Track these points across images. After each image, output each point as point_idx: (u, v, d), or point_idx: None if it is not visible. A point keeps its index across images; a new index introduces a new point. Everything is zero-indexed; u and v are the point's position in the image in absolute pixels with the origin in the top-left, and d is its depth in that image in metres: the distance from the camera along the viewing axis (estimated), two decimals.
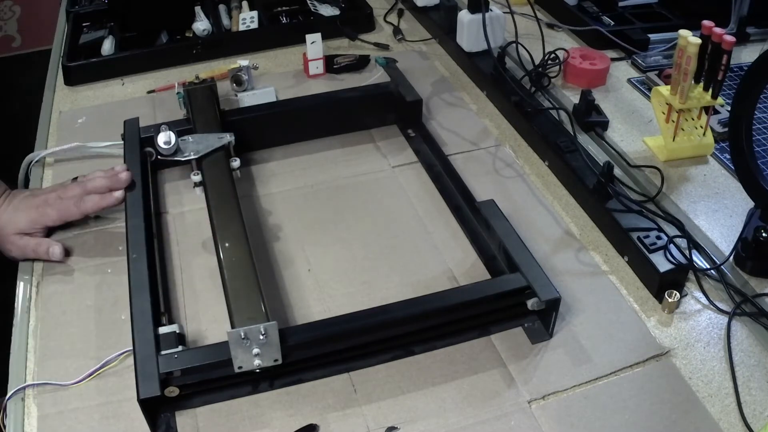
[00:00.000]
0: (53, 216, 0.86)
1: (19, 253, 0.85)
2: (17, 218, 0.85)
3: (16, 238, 0.84)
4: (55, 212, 0.86)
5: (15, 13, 2.94)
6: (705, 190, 0.94)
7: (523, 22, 1.21)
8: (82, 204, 0.86)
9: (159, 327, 0.70)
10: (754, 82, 0.81)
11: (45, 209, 0.86)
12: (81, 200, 0.86)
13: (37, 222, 0.85)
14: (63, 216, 0.86)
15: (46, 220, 0.86)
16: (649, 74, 1.17)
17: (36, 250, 0.84)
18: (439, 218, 0.91)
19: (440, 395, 0.70)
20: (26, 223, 0.85)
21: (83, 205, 0.86)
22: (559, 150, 0.97)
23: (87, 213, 0.86)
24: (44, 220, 0.86)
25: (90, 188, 0.87)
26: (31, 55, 2.93)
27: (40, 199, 0.87)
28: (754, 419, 0.67)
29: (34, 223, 0.85)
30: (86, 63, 1.21)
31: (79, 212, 0.86)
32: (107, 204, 0.86)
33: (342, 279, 0.83)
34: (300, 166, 1.00)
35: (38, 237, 0.85)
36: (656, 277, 0.79)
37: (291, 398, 0.70)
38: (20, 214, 0.85)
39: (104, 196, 0.86)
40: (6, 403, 0.69)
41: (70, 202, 0.86)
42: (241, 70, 1.10)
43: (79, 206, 0.86)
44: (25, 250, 0.85)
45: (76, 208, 0.86)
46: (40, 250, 0.84)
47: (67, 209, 0.86)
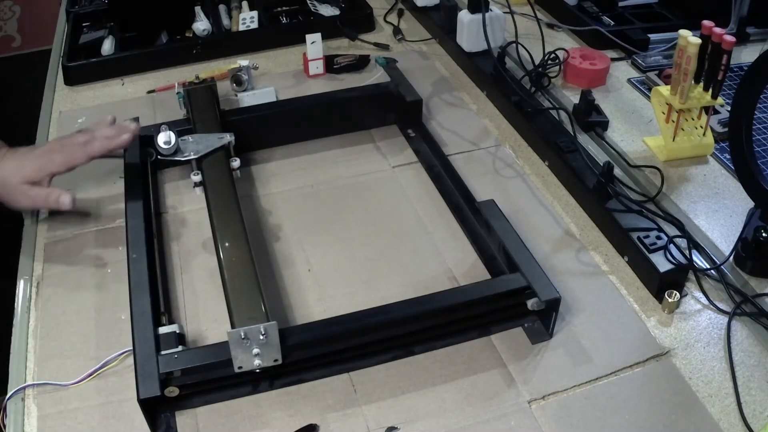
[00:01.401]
0: (59, 161, 0.84)
1: (29, 202, 0.84)
2: (22, 167, 0.83)
3: (25, 187, 0.82)
4: (61, 157, 0.84)
5: (15, 13, 2.94)
6: (705, 190, 0.94)
7: (523, 22, 1.21)
8: (89, 147, 0.84)
9: (159, 327, 0.70)
10: (754, 82, 0.81)
11: (50, 155, 0.84)
12: (88, 144, 0.84)
13: (43, 168, 0.83)
14: (69, 160, 0.84)
15: (52, 166, 0.84)
16: (649, 74, 1.17)
17: (47, 199, 0.83)
18: (439, 218, 0.91)
19: (440, 395, 0.70)
20: (32, 171, 0.83)
21: (90, 148, 0.84)
22: (559, 150, 0.97)
23: (94, 156, 0.85)
24: (50, 166, 0.83)
25: (98, 135, 0.85)
26: (31, 55, 2.92)
27: (45, 147, 0.85)
28: (754, 419, 0.67)
29: (40, 170, 0.83)
30: (86, 63, 1.21)
31: (85, 155, 0.84)
32: (115, 145, 0.84)
33: (342, 279, 0.83)
34: (300, 166, 1.00)
35: (46, 186, 0.84)
36: (656, 277, 0.79)
37: (291, 398, 0.70)
38: (25, 163, 0.83)
39: (112, 138, 0.84)
40: (6, 403, 0.69)
41: (76, 147, 0.84)
42: (241, 70, 1.10)
43: (85, 149, 0.84)
44: (35, 200, 0.83)
45: (83, 152, 0.84)
46: (50, 199, 0.83)
47: (73, 153, 0.84)
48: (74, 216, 0.91)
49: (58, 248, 0.87)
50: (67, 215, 0.91)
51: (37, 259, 0.86)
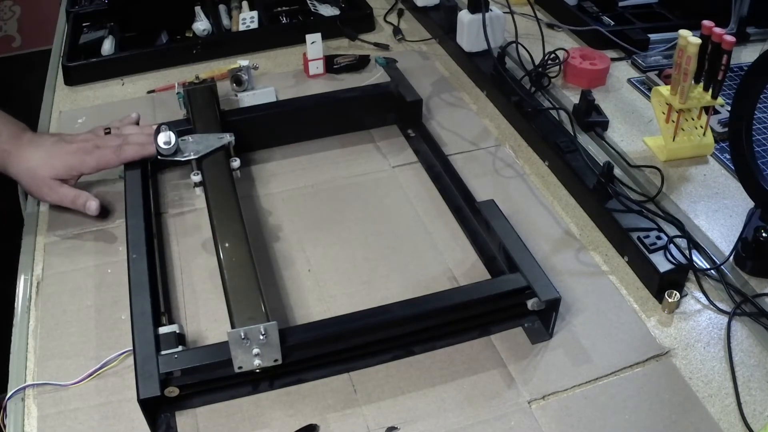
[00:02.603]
0: (91, 164, 0.85)
1: (57, 199, 0.85)
2: (53, 162, 0.84)
3: (54, 183, 0.84)
4: (93, 160, 0.85)
5: (15, 13, 2.94)
6: (705, 190, 0.94)
7: (523, 22, 1.21)
8: (122, 152, 0.85)
9: (159, 327, 0.70)
10: (754, 82, 0.81)
11: (83, 156, 0.85)
12: (120, 149, 0.85)
13: (74, 169, 0.85)
14: (101, 164, 0.86)
15: (84, 167, 0.85)
16: (649, 74, 1.17)
17: (74, 202, 0.84)
18: (439, 218, 0.91)
19: (440, 395, 0.70)
20: (64, 169, 0.84)
21: (123, 154, 0.86)
22: (559, 150, 0.97)
23: (126, 161, 0.87)
24: (82, 167, 0.85)
25: (132, 140, 0.87)
26: (31, 55, 2.92)
27: (76, 146, 0.86)
28: (754, 419, 0.67)
29: (71, 170, 0.84)
30: (86, 63, 1.21)
31: (118, 160, 0.86)
32: (148, 153, 0.86)
33: (342, 279, 0.83)
34: (300, 166, 1.00)
35: (74, 186, 0.86)
36: (656, 277, 0.79)
37: (291, 398, 0.70)
38: (56, 159, 0.84)
39: (144, 146, 0.86)
40: (6, 403, 0.69)
41: (109, 150, 0.85)
42: (241, 70, 1.10)
43: (118, 154, 0.86)
44: (62, 199, 0.85)
45: (116, 156, 0.86)
46: (78, 202, 0.84)
47: (106, 157, 0.86)
48: (74, 216, 0.91)
49: (58, 248, 0.87)
50: (67, 215, 0.91)
51: (37, 259, 0.86)
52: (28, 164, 0.85)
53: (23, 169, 0.85)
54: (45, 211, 0.93)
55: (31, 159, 0.84)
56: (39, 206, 0.94)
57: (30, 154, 0.85)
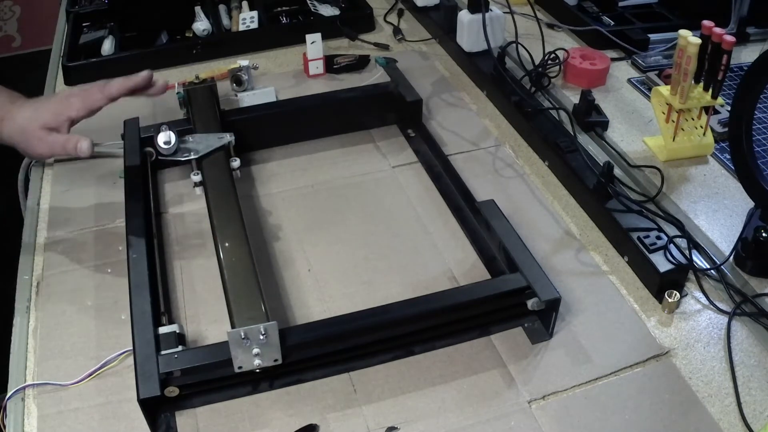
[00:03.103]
0: (77, 105, 0.83)
1: (47, 149, 0.83)
2: (40, 113, 0.82)
3: (43, 133, 0.82)
4: (79, 101, 0.83)
5: (15, 13, 2.94)
6: (705, 190, 0.94)
7: (523, 22, 1.21)
8: (107, 88, 0.83)
9: (159, 327, 0.70)
10: (754, 82, 0.81)
11: (68, 99, 0.83)
12: (105, 85, 0.83)
13: (61, 113, 0.82)
14: (88, 104, 0.84)
15: (70, 110, 0.83)
16: (649, 74, 1.17)
17: (65, 146, 0.82)
18: (439, 218, 0.91)
19: (440, 395, 0.70)
20: (50, 116, 0.82)
21: (107, 89, 0.83)
22: (559, 150, 0.97)
23: (112, 97, 0.84)
24: (68, 111, 0.83)
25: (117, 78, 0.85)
26: (31, 55, 2.92)
27: (63, 93, 0.85)
28: (754, 419, 0.67)
29: (58, 115, 0.82)
30: (86, 63, 1.21)
31: (104, 96, 0.84)
32: (132, 83, 0.84)
33: (342, 279, 0.83)
34: (300, 166, 1.00)
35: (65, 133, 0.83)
36: (656, 277, 0.79)
37: (291, 398, 0.70)
38: (42, 109, 0.83)
39: (129, 77, 0.84)
40: (6, 403, 0.69)
41: (95, 89, 0.83)
42: (241, 70, 1.10)
43: (103, 91, 0.83)
44: (53, 147, 0.82)
45: (101, 93, 0.84)
46: (68, 145, 0.82)
47: (91, 95, 0.83)
48: (74, 216, 0.91)
49: (58, 248, 0.87)
50: (66, 215, 0.91)
51: (37, 259, 0.86)
52: (18, 121, 0.82)
53: (14, 127, 0.82)
54: (45, 210, 0.93)
55: (20, 116, 0.82)
56: (39, 205, 0.94)
57: (20, 113, 0.83)
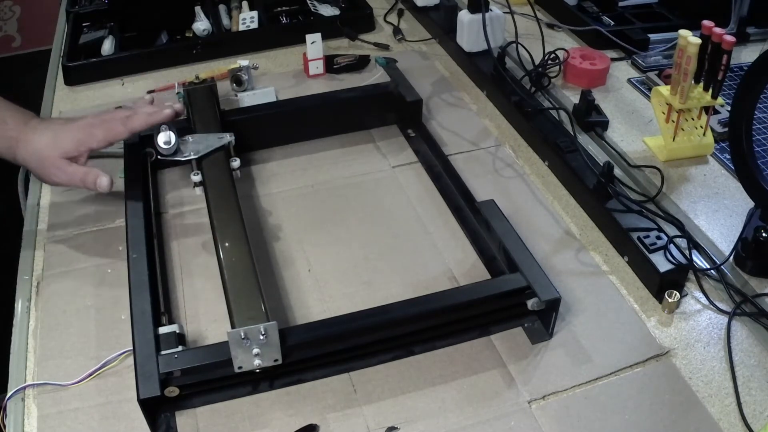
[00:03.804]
0: (99, 136, 0.82)
1: (66, 179, 0.82)
2: (60, 141, 0.81)
3: (63, 163, 0.81)
4: (101, 132, 0.82)
5: (15, 13, 2.94)
6: (705, 190, 0.94)
7: (523, 22, 1.21)
8: (130, 122, 0.83)
9: (159, 327, 0.70)
10: (754, 82, 0.81)
11: (90, 130, 0.82)
12: (129, 119, 0.83)
13: (82, 143, 0.81)
14: (109, 136, 0.83)
15: (92, 141, 0.82)
16: (649, 74, 1.17)
17: (84, 180, 0.81)
18: (439, 218, 0.91)
19: (440, 395, 0.70)
20: (71, 145, 0.81)
21: (131, 123, 0.83)
22: (559, 150, 0.97)
23: (134, 131, 0.84)
24: (90, 141, 0.82)
25: (140, 111, 0.85)
26: (31, 55, 2.92)
27: (84, 121, 0.83)
28: (754, 419, 0.67)
29: (80, 145, 0.81)
30: (86, 63, 1.21)
31: (126, 130, 0.83)
32: (156, 120, 0.83)
33: (342, 279, 0.83)
34: (300, 166, 1.00)
35: (83, 164, 0.82)
36: (656, 277, 0.79)
37: (291, 398, 0.70)
38: (63, 137, 0.81)
39: (153, 113, 0.83)
40: (6, 403, 0.69)
41: (117, 122, 0.83)
42: (241, 70, 1.10)
43: (126, 124, 0.83)
44: (72, 178, 0.82)
45: (123, 127, 0.83)
46: (88, 179, 0.81)
47: (114, 128, 0.83)
48: (74, 216, 0.91)
49: (58, 248, 0.87)
50: (66, 215, 0.91)
51: (37, 259, 0.86)
52: (36, 146, 0.81)
53: (31, 152, 0.81)
54: (45, 210, 0.93)
55: (39, 141, 0.81)
56: (39, 205, 0.94)
57: (37, 137, 0.82)
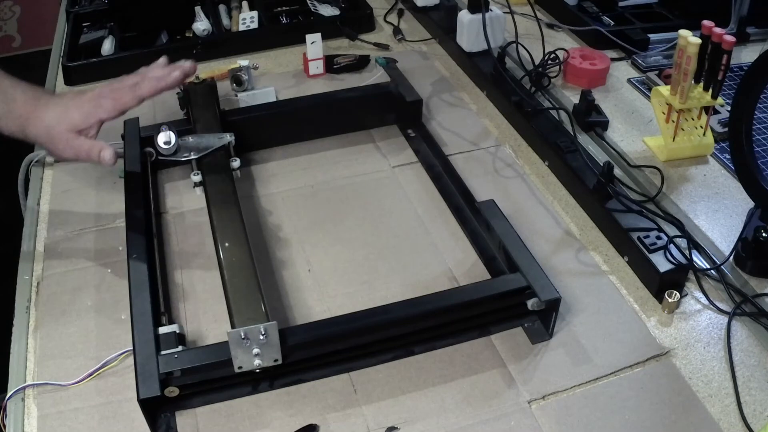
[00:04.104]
0: (108, 106, 0.81)
1: (72, 154, 0.81)
2: (69, 114, 0.80)
3: (71, 136, 0.80)
4: (110, 102, 0.81)
5: (15, 13, 2.94)
6: (705, 190, 0.94)
7: (523, 22, 1.21)
8: (139, 89, 0.81)
9: (159, 327, 0.70)
10: (754, 82, 0.81)
11: (99, 100, 0.81)
12: (137, 86, 0.81)
13: (91, 115, 0.80)
14: (118, 105, 0.81)
15: (101, 112, 0.80)
16: (649, 74, 1.17)
17: (89, 153, 0.80)
18: (439, 218, 0.91)
19: (440, 395, 0.70)
20: (80, 117, 0.80)
21: (139, 90, 0.81)
22: (559, 150, 0.97)
23: (143, 98, 0.82)
24: (98, 112, 0.80)
25: (149, 75, 0.83)
26: (31, 55, 2.92)
27: (93, 93, 0.82)
28: (754, 419, 0.67)
29: (89, 117, 0.80)
30: (86, 63, 1.21)
31: (135, 98, 0.81)
32: (165, 85, 0.81)
33: (342, 279, 0.83)
34: (300, 166, 1.00)
35: (92, 138, 0.81)
36: (656, 277, 0.79)
37: (291, 398, 0.70)
38: (72, 110, 0.80)
39: (162, 77, 0.81)
40: (6, 403, 0.69)
41: (125, 90, 0.81)
42: (241, 70, 1.10)
43: (135, 92, 0.81)
44: (78, 152, 0.80)
45: (132, 94, 0.81)
46: (93, 153, 0.80)
47: (122, 96, 0.81)
48: (74, 216, 0.91)
49: (58, 248, 0.87)
50: (66, 215, 0.91)
51: (37, 259, 0.86)
52: (46, 122, 0.80)
53: (41, 128, 0.80)
54: (45, 211, 0.93)
55: (48, 117, 0.80)
56: (39, 205, 0.94)
57: (47, 113, 0.80)
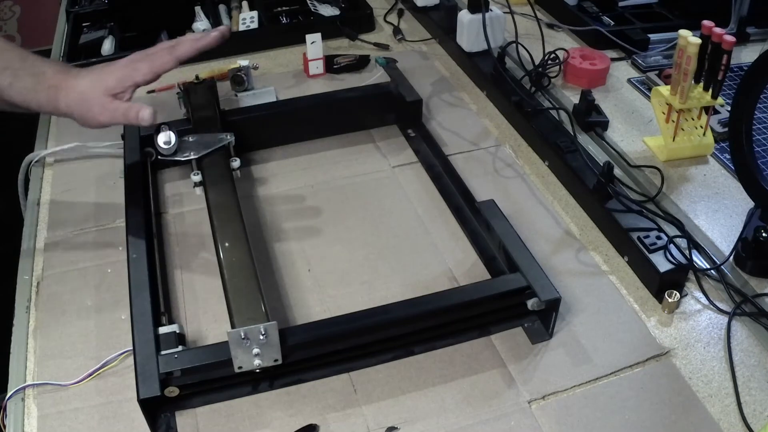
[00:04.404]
0: (144, 69, 0.79)
1: (108, 117, 0.79)
2: (104, 78, 0.79)
3: (106, 99, 0.78)
4: (146, 65, 0.79)
5: (15, 13, 2.94)
6: (705, 190, 0.94)
7: (523, 22, 1.21)
8: (176, 50, 0.80)
9: (159, 327, 0.70)
10: (754, 82, 0.81)
11: (134, 65, 0.80)
12: (174, 47, 0.80)
13: (126, 78, 0.79)
14: (156, 66, 0.80)
15: (137, 75, 0.79)
16: (649, 74, 1.17)
17: (126, 114, 0.79)
18: (439, 218, 0.91)
19: (440, 395, 0.70)
20: (115, 81, 0.79)
21: (177, 51, 0.80)
22: (559, 150, 0.97)
23: (181, 59, 0.80)
24: (135, 75, 0.79)
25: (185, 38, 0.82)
26: None
27: (128, 58, 0.81)
28: (754, 419, 0.67)
29: (124, 80, 0.79)
30: (86, 63, 1.21)
31: (173, 59, 0.80)
32: (203, 44, 0.80)
33: (342, 279, 0.83)
34: (300, 166, 1.00)
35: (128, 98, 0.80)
36: (656, 277, 0.79)
37: (291, 398, 0.70)
38: (106, 75, 0.79)
39: (200, 38, 0.80)
40: (6, 403, 0.69)
41: (162, 52, 0.80)
42: (241, 70, 1.10)
43: (173, 53, 0.80)
44: (114, 115, 0.79)
45: (171, 56, 0.80)
46: (130, 114, 0.79)
47: (160, 58, 0.80)
48: (74, 216, 0.91)
49: (58, 248, 0.87)
50: (66, 215, 0.91)
51: (37, 259, 0.86)
52: (79, 89, 0.78)
53: (74, 97, 0.78)
54: (45, 210, 0.93)
55: (82, 84, 0.78)
56: (39, 205, 0.94)
57: (80, 81, 0.79)
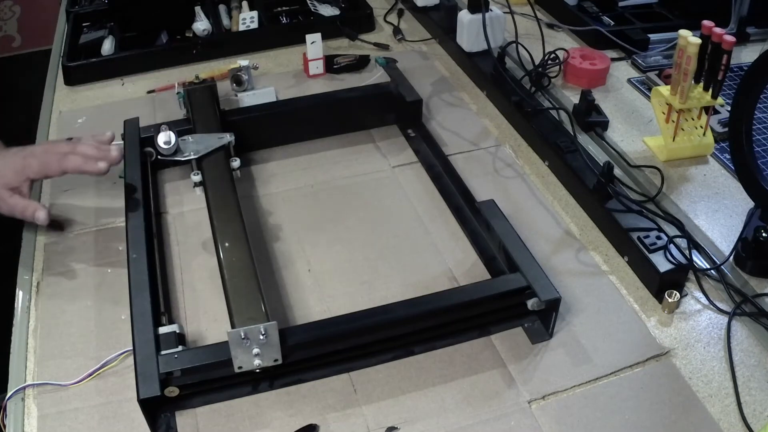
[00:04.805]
0: (35, 167, 0.85)
1: (7, 210, 0.85)
2: (4, 170, 0.85)
3: (6, 194, 0.84)
4: (37, 164, 0.85)
5: (15, 13, 2.94)
6: (705, 190, 0.94)
7: (523, 22, 1.21)
8: (64, 161, 0.85)
9: (159, 327, 0.70)
10: (754, 82, 0.81)
11: (29, 160, 0.85)
12: (65, 157, 0.85)
13: (20, 172, 0.85)
14: (43, 169, 0.85)
15: (28, 171, 0.85)
16: (649, 74, 1.17)
17: (23, 212, 0.85)
18: (439, 218, 0.91)
19: (440, 395, 0.70)
20: (12, 175, 0.84)
21: (64, 163, 0.85)
22: (559, 150, 0.97)
23: (66, 172, 0.86)
24: (26, 171, 0.85)
25: (78, 150, 0.86)
26: (31, 55, 2.92)
27: (27, 151, 0.87)
28: (754, 419, 0.67)
29: (18, 174, 0.85)
30: (86, 63, 1.21)
31: (59, 168, 0.85)
32: (88, 170, 0.85)
33: (342, 279, 0.83)
34: (300, 166, 1.00)
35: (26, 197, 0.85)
36: (656, 277, 0.79)
37: (291, 398, 0.70)
38: (7, 166, 0.85)
39: (87, 161, 0.85)
40: (6, 403, 0.69)
41: (54, 157, 0.85)
42: (241, 70, 1.10)
43: (60, 163, 0.85)
44: (13, 210, 0.85)
45: (57, 164, 0.85)
46: (27, 212, 0.85)
47: (48, 163, 0.85)
48: (74, 216, 0.91)
49: (58, 248, 0.87)
50: (66, 215, 0.91)
51: (37, 259, 0.86)
52: None
53: None
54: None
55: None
56: None
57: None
